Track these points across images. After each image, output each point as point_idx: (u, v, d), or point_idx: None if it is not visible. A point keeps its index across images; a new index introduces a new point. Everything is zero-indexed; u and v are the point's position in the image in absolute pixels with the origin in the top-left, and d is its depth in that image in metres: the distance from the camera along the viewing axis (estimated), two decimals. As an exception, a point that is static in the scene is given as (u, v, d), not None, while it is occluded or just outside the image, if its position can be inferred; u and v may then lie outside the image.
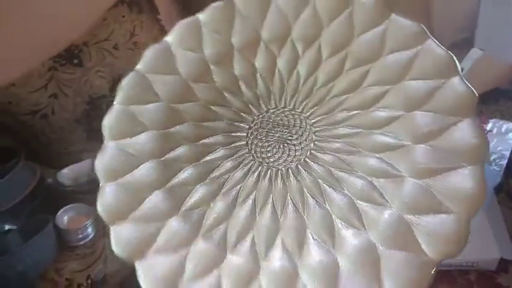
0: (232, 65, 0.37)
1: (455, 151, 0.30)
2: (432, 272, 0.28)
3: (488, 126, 0.66)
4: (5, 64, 0.82)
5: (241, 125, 0.36)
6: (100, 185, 0.35)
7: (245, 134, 0.35)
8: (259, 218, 0.31)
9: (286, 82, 0.36)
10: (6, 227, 0.73)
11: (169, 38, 0.38)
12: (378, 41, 0.34)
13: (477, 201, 0.28)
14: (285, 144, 0.33)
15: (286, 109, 0.35)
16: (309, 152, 0.33)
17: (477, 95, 0.30)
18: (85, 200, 0.74)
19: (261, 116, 0.35)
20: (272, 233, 0.31)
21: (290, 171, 0.33)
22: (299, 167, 0.33)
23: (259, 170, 0.33)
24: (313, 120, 0.34)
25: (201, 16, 0.38)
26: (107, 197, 0.34)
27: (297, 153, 0.33)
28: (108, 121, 0.37)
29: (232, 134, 0.35)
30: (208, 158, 0.34)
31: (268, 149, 0.34)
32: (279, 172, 0.33)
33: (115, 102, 0.38)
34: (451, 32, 0.96)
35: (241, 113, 0.36)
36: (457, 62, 0.32)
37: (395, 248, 0.29)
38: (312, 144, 0.33)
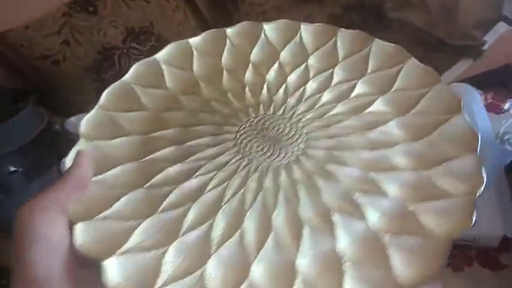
0: (222, 82, 0.37)
1: (449, 143, 0.31)
2: (445, 252, 0.27)
3: (506, 106, 0.64)
4: (20, 5, 0.80)
5: (230, 128, 0.34)
6: None
7: (233, 136, 0.34)
8: (248, 215, 0.30)
9: (274, 94, 0.37)
10: (12, 169, 0.73)
11: (159, 56, 0.38)
12: (362, 62, 0.37)
13: (478, 183, 0.29)
14: (276, 144, 0.33)
15: (276, 115, 0.35)
16: (300, 150, 0.33)
17: (462, 100, 0.32)
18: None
19: (249, 121, 0.35)
20: (264, 230, 0.29)
21: (281, 167, 0.32)
22: (290, 163, 0.32)
23: (247, 167, 0.32)
24: (303, 123, 0.34)
25: (193, 40, 0.39)
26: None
27: (288, 152, 0.33)
28: (86, 122, 0.34)
29: (221, 136, 0.34)
30: (193, 157, 0.32)
31: (258, 149, 0.33)
32: (269, 168, 0.32)
33: (96, 106, 0.34)
34: (479, 10, 0.93)
35: (230, 119, 0.35)
36: (437, 74, 0.34)
37: (400, 233, 0.28)
38: (303, 144, 0.33)
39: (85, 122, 0.33)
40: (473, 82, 0.67)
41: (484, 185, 0.28)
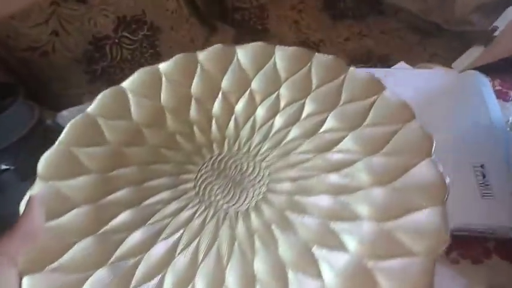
0: (189, 112, 0.36)
1: (415, 192, 0.29)
2: None
3: (513, 93, 0.62)
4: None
5: (191, 167, 0.33)
6: None
7: (194, 176, 0.32)
8: (202, 265, 0.29)
9: (241, 128, 0.35)
10: (3, 167, 0.70)
11: (127, 84, 0.36)
12: (335, 93, 0.35)
13: (441, 241, 0.27)
14: (237, 187, 0.32)
15: (240, 152, 0.34)
16: (261, 195, 0.31)
17: (434, 140, 0.31)
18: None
19: (212, 158, 0.33)
20: (217, 282, 0.28)
21: (239, 215, 0.30)
22: (249, 210, 0.31)
23: (205, 213, 0.31)
24: (267, 163, 0.33)
25: (162, 66, 0.37)
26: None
27: (248, 196, 0.31)
28: (45, 161, 0.33)
29: (180, 176, 0.32)
30: (149, 201, 0.31)
31: (217, 192, 0.31)
32: (227, 215, 0.30)
33: (56, 143, 0.34)
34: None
35: (192, 156, 0.34)
36: (413, 109, 0.33)
37: None
38: (264, 187, 0.31)
39: (43, 161, 0.32)
40: (482, 69, 0.66)
41: (447, 244, 0.27)
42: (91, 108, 0.35)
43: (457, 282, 0.53)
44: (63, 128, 0.74)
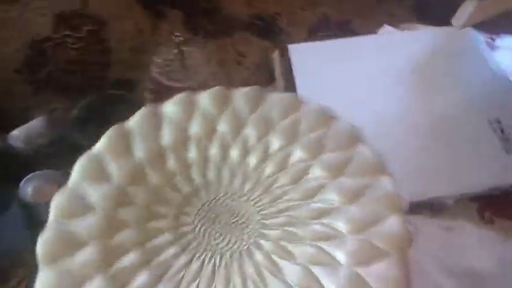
0: (166, 163, 0.38)
1: (383, 242, 0.34)
2: None
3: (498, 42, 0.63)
4: None
5: (188, 210, 0.37)
6: (39, 267, 0.34)
7: (192, 220, 0.36)
8: None
9: (219, 172, 0.38)
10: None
11: (98, 147, 0.38)
12: (319, 143, 0.38)
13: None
14: (230, 231, 0.36)
15: (233, 196, 0.37)
16: (253, 239, 0.35)
17: (406, 201, 0.37)
18: (49, 164, 0.63)
19: (206, 204, 0.37)
20: None
21: (234, 257, 0.34)
22: (243, 253, 0.34)
23: (203, 256, 0.34)
24: (259, 208, 0.37)
25: (130, 124, 0.39)
26: (46, 283, 0.33)
27: (242, 240, 0.35)
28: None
29: (180, 217, 0.36)
30: (153, 242, 0.35)
31: (214, 235, 0.35)
32: (223, 258, 0.34)
33: (48, 222, 0.35)
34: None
35: (184, 208, 0.37)
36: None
37: None
38: (256, 232, 0.35)
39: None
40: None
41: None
42: (71, 181, 0.36)
43: (494, 241, 0.54)
44: (17, 148, 0.66)
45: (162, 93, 0.74)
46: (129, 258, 0.33)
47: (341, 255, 0.33)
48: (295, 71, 0.66)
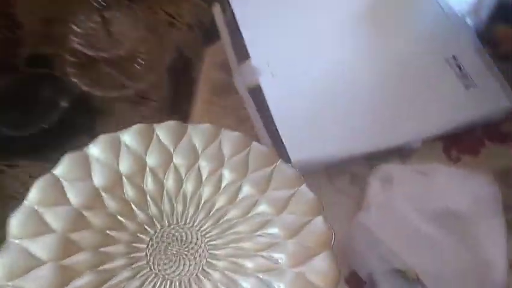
0: (123, 190, 0.40)
1: (315, 277, 0.36)
2: None
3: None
4: None
5: (143, 237, 0.39)
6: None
7: (145, 246, 0.38)
8: None
9: (174, 202, 0.40)
10: None
11: (57, 171, 0.39)
12: (243, 163, 0.41)
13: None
14: (181, 258, 0.38)
15: (185, 226, 0.39)
16: (201, 267, 0.38)
17: (334, 234, 0.38)
18: None
19: (159, 232, 0.39)
20: None
21: (183, 285, 0.37)
22: (191, 280, 0.37)
23: (154, 281, 0.37)
24: (208, 239, 0.39)
25: (89, 148, 0.40)
26: None
27: (190, 267, 0.37)
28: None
29: (134, 244, 0.38)
30: (107, 266, 0.36)
31: (165, 262, 0.38)
32: (173, 284, 0.37)
33: (6, 241, 0.36)
34: None
35: (138, 234, 0.39)
36: (300, 177, 0.40)
37: None
38: (204, 261, 0.38)
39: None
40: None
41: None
42: (27, 201, 0.37)
43: (466, 179, 0.53)
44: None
45: (87, 66, 0.65)
46: (83, 280, 0.35)
47: (280, 285, 0.36)
48: (241, 25, 0.60)
